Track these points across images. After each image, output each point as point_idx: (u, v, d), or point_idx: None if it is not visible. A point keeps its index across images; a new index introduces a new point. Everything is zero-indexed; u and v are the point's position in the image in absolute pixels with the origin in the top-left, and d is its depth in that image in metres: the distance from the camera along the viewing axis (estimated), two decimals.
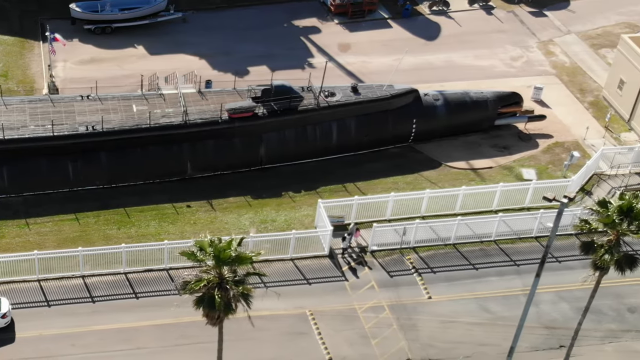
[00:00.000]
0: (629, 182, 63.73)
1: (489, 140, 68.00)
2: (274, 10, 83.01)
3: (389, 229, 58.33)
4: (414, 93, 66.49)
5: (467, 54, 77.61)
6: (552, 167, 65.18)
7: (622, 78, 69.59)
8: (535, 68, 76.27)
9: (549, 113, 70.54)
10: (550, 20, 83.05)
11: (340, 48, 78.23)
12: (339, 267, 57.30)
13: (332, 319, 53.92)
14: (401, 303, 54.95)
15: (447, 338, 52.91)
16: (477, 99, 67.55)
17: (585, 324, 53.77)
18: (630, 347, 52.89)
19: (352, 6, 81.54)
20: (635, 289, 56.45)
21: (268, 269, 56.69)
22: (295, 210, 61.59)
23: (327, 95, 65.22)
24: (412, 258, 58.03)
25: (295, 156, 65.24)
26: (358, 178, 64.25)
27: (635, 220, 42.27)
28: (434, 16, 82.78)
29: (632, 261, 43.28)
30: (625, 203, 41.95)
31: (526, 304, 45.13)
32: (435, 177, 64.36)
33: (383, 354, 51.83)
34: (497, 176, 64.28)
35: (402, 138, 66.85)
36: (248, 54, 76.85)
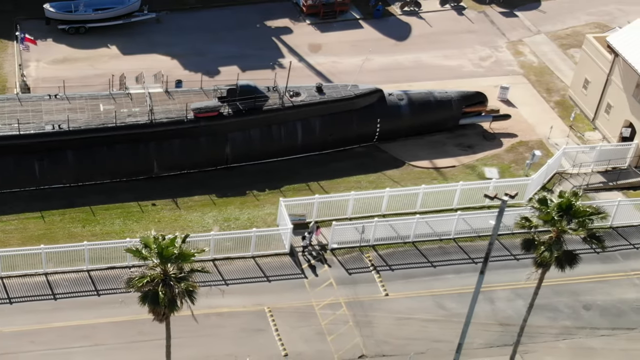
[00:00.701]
0: (590, 180, 64.31)
1: (453, 140, 68.54)
2: (247, 11, 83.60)
3: (348, 227, 58.93)
4: (378, 93, 67.02)
5: (437, 54, 78.14)
6: (514, 165, 65.72)
7: (587, 78, 70.13)
8: (503, 68, 76.80)
9: (515, 112, 71.09)
10: (520, 21, 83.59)
11: (311, 48, 78.78)
12: (299, 265, 57.88)
13: (290, 315, 54.49)
14: (358, 300, 55.50)
15: (401, 334, 53.46)
16: (441, 98, 68.09)
17: (540, 321, 54.92)
18: (584, 344, 53.39)
19: (323, 7, 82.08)
20: (592, 287, 56.99)
21: (229, 267, 57.69)
22: (258, 208, 62.17)
23: (292, 95, 65.79)
24: (372, 256, 58.57)
25: (260, 155, 65.81)
26: (322, 177, 64.84)
27: (574, 218, 42.71)
28: (405, 17, 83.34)
29: (571, 258, 43.80)
30: (564, 201, 42.48)
31: (472, 301, 45.72)
32: (398, 176, 64.91)
33: (338, 350, 52.38)
34: (460, 175, 64.83)
35: (366, 137, 67.38)
36: (220, 55, 77.45)
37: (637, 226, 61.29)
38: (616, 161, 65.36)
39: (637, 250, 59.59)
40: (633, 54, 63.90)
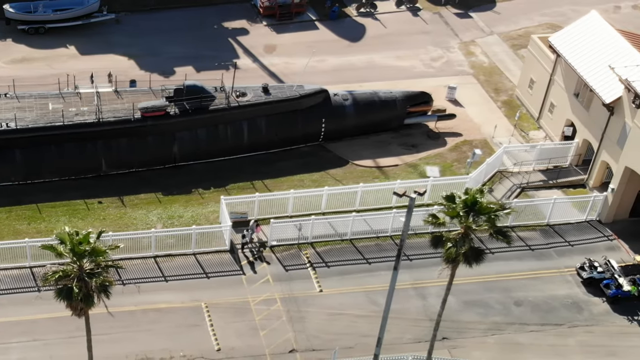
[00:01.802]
0: (531, 179, 65.03)
1: (398, 139, 69.23)
2: (206, 12, 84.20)
3: (286, 225, 59.69)
4: (323, 93, 67.70)
5: (389, 55, 78.82)
6: (457, 164, 66.42)
7: (532, 78, 70.83)
8: (453, 68, 77.48)
9: (462, 112, 71.81)
10: (474, 22, 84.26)
11: (266, 49, 79.48)
12: (238, 262, 58.60)
13: (226, 311, 55.23)
14: (293, 296, 56.26)
15: (332, 329, 54.19)
16: (385, 98, 68.76)
17: (470, 317, 55.76)
18: (512, 340, 54.09)
19: (280, 8, 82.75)
20: (525, 283, 57.74)
21: (170, 263, 58.47)
22: (202, 206, 62.91)
23: (238, 95, 66.49)
24: (309, 253, 59.34)
25: (207, 154, 66.49)
26: (267, 176, 65.56)
27: (480, 214, 43.41)
28: (361, 18, 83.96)
29: (478, 254, 44.42)
30: (470, 197, 43.12)
31: (388, 296, 46.36)
32: (341, 175, 65.63)
33: (269, 345, 53.11)
34: (402, 174, 65.55)
35: (312, 137, 68.06)
36: (176, 55, 78.11)
37: (573, 224, 62.04)
38: (558, 160, 66.07)
39: (572, 247, 60.30)
40: (573, 54, 64.60)
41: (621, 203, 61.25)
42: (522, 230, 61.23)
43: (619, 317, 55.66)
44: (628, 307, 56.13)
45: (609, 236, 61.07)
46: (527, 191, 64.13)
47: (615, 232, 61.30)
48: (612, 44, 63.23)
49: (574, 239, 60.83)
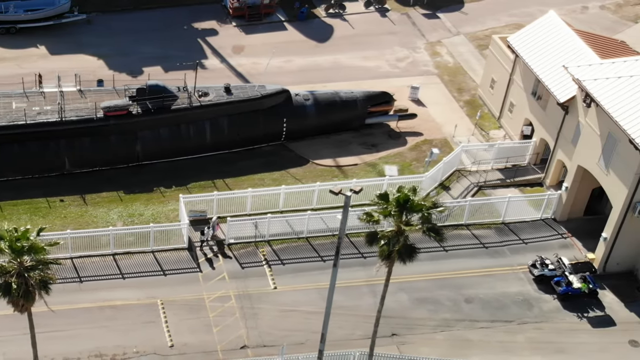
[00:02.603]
0: (488, 177, 65.42)
1: (359, 139, 69.61)
2: (177, 13, 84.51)
3: (243, 223, 60.12)
4: (285, 93, 68.08)
5: (355, 55, 79.17)
6: (415, 163, 66.79)
7: (493, 77, 71.22)
8: (418, 68, 77.83)
9: (424, 112, 72.20)
10: (442, 22, 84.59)
11: (234, 50, 79.84)
12: (196, 259, 58.98)
13: (181, 308, 55.59)
14: (247, 293, 56.63)
15: (284, 326, 54.57)
16: (346, 98, 69.16)
17: (421, 314, 56.14)
18: (461, 336, 54.42)
19: (249, 9, 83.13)
20: (477, 280, 58.09)
21: (129, 261, 58.84)
22: (163, 204, 63.30)
23: (200, 95, 66.89)
24: (266, 250, 59.74)
25: (170, 153, 66.86)
26: (229, 175, 65.96)
27: (412, 212, 43.80)
28: (330, 19, 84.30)
29: (410, 251, 44.75)
30: (402, 195, 43.46)
31: (329, 292, 46.71)
32: (301, 174, 66.00)
33: (221, 341, 53.50)
34: (360, 172, 65.93)
35: (274, 136, 68.43)
36: (145, 55, 78.47)
37: (528, 222, 62.42)
38: (516, 158, 66.46)
39: (525, 245, 60.65)
40: (530, 53, 64.99)
41: (575, 201, 61.60)
42: (477, 229, 61.62)
43: (569, 314, 56.02)
44: (578, 304, 56.48)
45: (563, 234, 61.42)
46: (485, 189, 64.50)
47: (570, 230, 61.67)
48: (568, 43, 63.61)
49: (529, 236, 61.18)
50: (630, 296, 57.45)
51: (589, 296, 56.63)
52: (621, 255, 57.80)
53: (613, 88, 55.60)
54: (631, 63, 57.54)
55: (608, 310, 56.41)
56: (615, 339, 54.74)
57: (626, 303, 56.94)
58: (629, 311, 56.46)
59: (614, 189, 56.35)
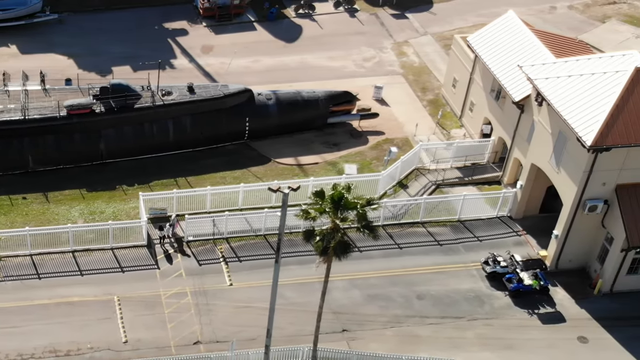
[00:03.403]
0: (447, 176, 65.73)
1: (321, 138, 69.93)
2: (148, 13, 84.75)
3: (202, 220, 60.48)
4: (247, 93, 68.40)
5: (322, 56, 79.44)
6: (375, 162, 67.10)
7: (455, 77, 71.57)
8: (384, 68, 78.12)
9: (387, 111, 72.53)
10: (410, 22, 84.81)
11: (203, 50, 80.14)
12: (154, 256, 59.34)
13: (137, 304, 55.96)
14: (203, 289, 57.00)
15: (238, 322, 54.92)
16: (308, 98, 69.49)
17: (372, 310, 56.53)
18: (411, 332, 54.77)
19: (219, 9, 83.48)
20: (430, 277, 58.42)
21: (88, 258, 59.18)
22: (125, 202, 63.64)
23: (163, 94, 67.25)
24: (224, 248, 60.11)
25: (134, 152, 67.21)
26: (191, 173, 66.30)
27: (346, 209, 44.16)
28: (299, 19, 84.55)
29: (345, 248, 45.06)
30: (336, 193, 43.87)
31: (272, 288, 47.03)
32: (262, 172, 66.34)
33: (175, 337, 53.86)
34: (321, 171, 66.23)
35: (236, 135, 68.73)
36: (115, 55, 78.69)
37: (484, 219, 62.77)
38: (475, 157, 66.79)
39: (480, 242, 60.98)
40: (488, 53, 65.34)
41: (530, 199, 61.96)
42: (433, 226, 61.99)
43: (520, 311, 56.36)
44: (529, 301, 56.82)
45: (517, 232, 61.81)
46: (443, 188, 64.82)
47: (525, 228, 62.02)
48: (525, 43, 63.91)
49: (483, 234, 61.53)
50: (581, 293, 57.80)
51: (540, 293, 56.97)
52: (573, 252, 58.15)
53: (563, 87, 55.99)
54: (583, 62, 57.86)
55: (559, 307, 56.77)
56: (565, 335, 55.08)
57: (577, 300, 57.30)
58: (579, 308, 56.82)
59: (564, 186, 56.73)
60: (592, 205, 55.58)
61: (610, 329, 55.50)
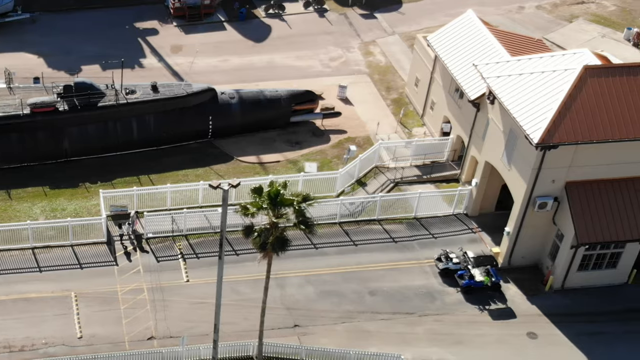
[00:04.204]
0: (405, 174, 66.06)
1: (284, 136, 70.23)
2: (120, 13, 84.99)
3: (160, 218, 60.83)
4: (210, 92, 68.73)
5: (290, 55, 79.76)
6: (336, 160, 67.40)
7: (418, 76, 71.91)
8: (350, 68, 78.41)
9: (351, 110, 72.85)
10: (378, 22, 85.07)
11: (172, 49, 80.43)
12: (114, 253, 59.70)
13: (93, 300, 56.29)
14: (160, 286, 57.34)
15: (192, 318, 55.24)
16: (271, 97, 69.78)
17: (325, 306, 56.89)
18: (361, 327, 55.06)
19: (189, 9, 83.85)
20: (383, 274, 58.73)
21: (48, 255, 59.49)
22: (87, 199, 63.97)
23: (127, 92, 67.61)
24: (182, 245, 60.48)
25: (98, 150, 67.52)
26: (154, 171, 66.62)
27: (282, 206, 44.51)
28: (269, 19, 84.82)
29: (282, 244, 45.33)
30: (273, 190, 44.23)
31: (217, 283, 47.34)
32: (224, 171, 66.64)
33: (129, 333, 54.20)
34: (282, 169, 66.56)
35: (200, 134, 69.04)
36: (86, 54, 78.99)
37: (440, 217, 63.11)
38: (435, 155, 67.13)
39: (435, 239, 61.28)
40: (446, 52, 65.67)
41: (485, 197, 62.28)
42: (389, 223, 62.32)
43: (471, 307, 56.67)
44: (480, 297, 57.12)
45: (472, 229, 62.16)
46: (401, 186, 65.14)
47: (481, 225, 62.32)
48: (482, 42, 64.24)
49: (439, 231, 61.84)
50: (533, 289, 58.12)
51: (492, 289, 57.30)
52: (525, 249, 58.47)
53: (514, 85, 56.31)
54: (535, 60, 58.12)
55: (510, 303, 57.08)
56: (514, 331, 55.38)
57: (528, 296, 57.61)
58: (530, 304, 57.13)
59: (514, 184, 57.06)
60: (542, 203, 55.90)
61: (560, 325, 55.84)
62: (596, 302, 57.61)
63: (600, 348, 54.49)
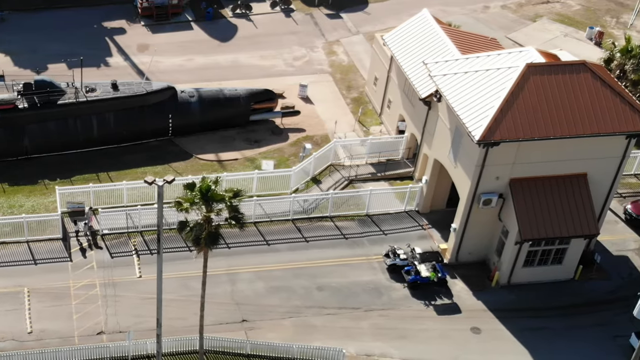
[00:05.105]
0: (360, 171, 66.61)
1: (243, 135, 70.78)
2: (89, 13, 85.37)
3: (117, 214, 61.41)
4: (170, 90, 69.29)
5: (254, 55, 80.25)
6: (293, 158, 67.92)
7: (376, 75, 72.47)
8: (313, 67, 78.92)
9: (311, 109, 73.40)
10: (343, 22, 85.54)
11: (139, 48, 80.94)
12: (69, 249, 60.23)
13: (45, 296, 56.80)
14: (113, 281, 57.90)
15: (142, 313, 55.71)
16: (230, 96, 70.35)
17: (274, 301, 57.41)
18: (308, 322, 55.62)
19: (156, 9, 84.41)
20: (332, 270, 59.26)
21: (2, 251, 60.02)
22: (45, 196, 64.51)
23: (87, 90, 68.21)
24: (137, 241, 61.04)
25: (58, 147, 68.09)
26: (113, 168, 67.19)
27: (213, 201, 45.08)
28: (236, 19, 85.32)
29: (214, 239, 45.86)
30: (204, 186, 44.83)
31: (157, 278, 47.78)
32: (183, 168, 67.20)
33: (79, 327, 54.74)
34: (239, 167, 67.14)
35: (160, 132, 69.56)
36: (53, 53, 79.32)
37: (392, 214, 63.64)
38: (391, 153, 67.68)
39: (385, 236, 61.78)
40: (401, 51, 66.24)
41: (436, 194, 62.81)
42: (342, 220, 62.89)
43: (416, 302, 57.19)
44: (427, 293, 57.62)
45: (422, 225, 62.69)
46: (355, 183, 65.71)
47: (431, 222, 62.84)
48: (435, 41, 64.79)
49: (389, 228, 62.37)
50: (479, 285, 58.66)
51: (439, 285, 57.84)
52: (472, 245, 58.98)
53: (459, 83, 56.78)
54: (483, 58, 58.61)
55: (456, 299, 57.60)
56: (458, 326, 55.92)
57: (474, 292, 58.14)
58: (476, 299, 57.66)
59: (460, 181, 57.58)
60: (486, 199, 56.44)
61: (504, 320, 56.37)
62: (541, 297, 58.16)
63: (542, 343, 55.03)
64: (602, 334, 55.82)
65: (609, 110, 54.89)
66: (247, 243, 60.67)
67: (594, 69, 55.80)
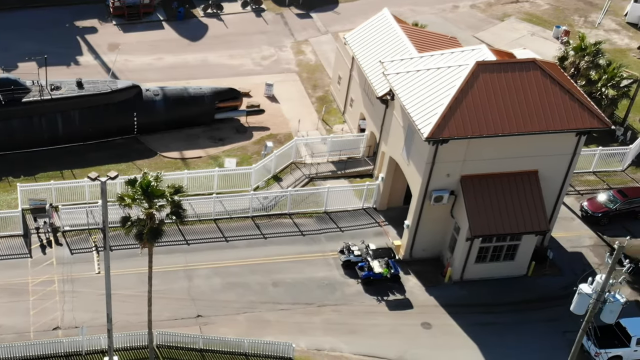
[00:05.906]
0: (321, 169, 67.09)
1: (208, 133, 71.26)
2: (62, 12, 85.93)
3: (77, 211, 61.95)
4: (135, 88, 69.73)
5: (223, 54, 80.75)
6: (255, 156, 68.40)
7: (340, 74, 72.97)
8: (280, 66, 79.43)
9: (276, 107, 73.89)
10: (313, 22, 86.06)
11: (109, 47, 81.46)
12: (29, 246, 60.73)
13: (3, 292, 57.19)
14: (71, 277, 58.38)
15: (99, 308, 55.57)
16: (194, 94, 70.82)
17: (229, 296, 57.89)
18: (261, 317, 56.04)
19: (128, 9, 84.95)
20: (288, 266, 59.66)
21: None
22: (7, 193, 64.97)
23: (52, 88, 68.71)
24: (97, 237, 61.54)
25: (23, 145, 68.59)
26: (78, 165, 67.59)
27: (154, 197, 45.57)
28: (207, 19, 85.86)
29: (155, 234, 46.38)
30: (144, 181, 45.35)
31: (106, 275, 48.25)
32: (147, 165, 67.52)
33: (35, 323, 55.14)
34: (202, 164, 67.64)
35: (125, 130, 70.05)
36: (24, 52, 79.56)
37: (350, 211, 64.14)
38: (352, 151, 68.17)
39: (342, 233, 62.24)
40: (361, 50, 66.77)
41: (393, 191, 63.27)
42: (300, 217, 63.38)
43: (369, 298, 57.66)
44: (380, 288, 58.09)
45: (378, 222, 63.19)
46: (316, 181, 66.20)
47: (388, 219, 63.30)
48: (394, 40, 65.31)
49: (346, 225, 62.85)
50: (432, 281, 59.12)
51: (392, 280, 58.33)
52: (425, 242, 59.44)
53: (411, 81, 57.21)
54: (436, 57, 59.05)
55: (408, 294, 58.06)
56: (409, 321, 56.36)
57: (427, 287, 58.60)
58: (428, 295, 58.13)
59: (412, 178, 58.04)
60: (437, 196, 56.90)
61: (455, 315, 56.85)
62: (493, 293, 58.61)
63: (492, 338, 55.48)
64: (552, 329, 56.21)
65: (558, 108, 55.35)
66: (205, 240, 61.21)
67: (544, 67, 56.23)
